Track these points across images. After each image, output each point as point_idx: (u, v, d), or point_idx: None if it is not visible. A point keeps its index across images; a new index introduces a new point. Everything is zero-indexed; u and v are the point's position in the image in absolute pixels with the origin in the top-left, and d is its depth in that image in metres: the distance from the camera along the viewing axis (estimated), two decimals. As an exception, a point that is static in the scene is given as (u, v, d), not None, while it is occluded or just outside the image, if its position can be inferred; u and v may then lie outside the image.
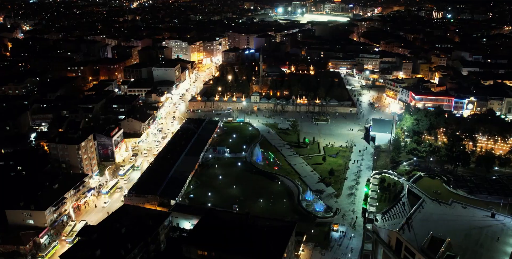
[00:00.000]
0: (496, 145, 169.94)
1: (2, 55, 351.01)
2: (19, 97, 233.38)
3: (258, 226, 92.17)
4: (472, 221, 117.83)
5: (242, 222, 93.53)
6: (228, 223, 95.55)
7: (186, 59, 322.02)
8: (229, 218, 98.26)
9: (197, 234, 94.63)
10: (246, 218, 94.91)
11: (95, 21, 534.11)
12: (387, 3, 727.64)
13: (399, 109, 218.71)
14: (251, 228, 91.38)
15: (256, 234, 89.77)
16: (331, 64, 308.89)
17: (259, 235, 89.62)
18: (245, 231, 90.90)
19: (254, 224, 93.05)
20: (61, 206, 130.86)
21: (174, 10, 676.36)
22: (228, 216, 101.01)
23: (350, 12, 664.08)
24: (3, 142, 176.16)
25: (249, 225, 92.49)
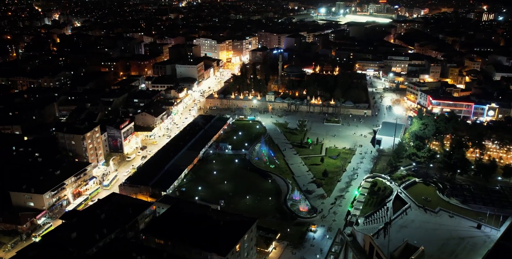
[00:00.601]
0: (509, 154, 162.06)
1: (48, 50, 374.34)
2: (51, 89, 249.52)
3: (216, 219, 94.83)
4: (454, 231, 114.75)
5: (202, 215, 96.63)
6: (189, 215, 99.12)
7: (214, 57, 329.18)
8: (192, 211, 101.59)
9: (158, 224, 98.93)
10: (206, 211, 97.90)
11: (139, 19, 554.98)
12: (436, 4, 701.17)
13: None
14: (209, 221, 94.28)
15: (212, 227, 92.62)
16: (358, 66, 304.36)
17: (215, 228, 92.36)
18: (203, 224, 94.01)
19: (213, 218, 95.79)
20: (60, 191, 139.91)
21: (218, 9, 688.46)
22: (192, 209, 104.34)
23: (394, 13, 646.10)
24: (28, 130, 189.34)
25: (208, 218, 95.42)
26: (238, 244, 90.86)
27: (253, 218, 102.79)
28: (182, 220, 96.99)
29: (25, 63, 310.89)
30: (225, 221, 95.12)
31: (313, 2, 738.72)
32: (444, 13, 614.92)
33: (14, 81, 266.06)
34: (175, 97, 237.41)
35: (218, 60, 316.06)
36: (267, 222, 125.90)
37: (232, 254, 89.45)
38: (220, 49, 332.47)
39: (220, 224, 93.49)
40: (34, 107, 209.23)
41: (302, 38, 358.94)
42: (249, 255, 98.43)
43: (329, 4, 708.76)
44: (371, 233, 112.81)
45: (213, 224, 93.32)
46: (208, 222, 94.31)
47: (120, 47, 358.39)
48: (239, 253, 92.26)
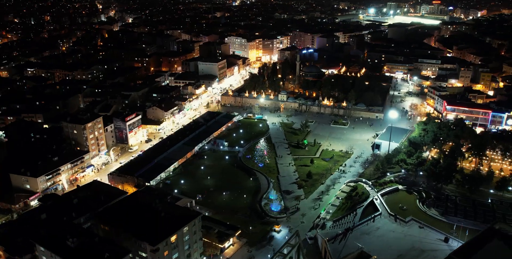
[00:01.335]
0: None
1: (94, 45, 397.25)
2: (81, 81, 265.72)
3: (159, 211, 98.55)
4: (418, 243, 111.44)
5: (149, 206, 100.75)
6: (138, 205, 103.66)
7: (244, 55, 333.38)
8: (144, 201, 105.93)
9: (109, 211, 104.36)
10: (155, 203, 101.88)
11: (186, 17, 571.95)
12: (498, 5, 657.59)
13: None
14: (153, 212, 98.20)
15: (154, 218, 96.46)
16: (386, 68, 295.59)
17: (156, 219, 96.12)
18: (146, 214, 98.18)
19: (158, 209, 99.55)
20: (55, 176, 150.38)
21: (267, 8, 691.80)
22: (145, 199, 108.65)
23: (447, 15, 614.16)
24: (51, 119, 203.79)
25: (153, 209, 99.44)
26: (174, 236, 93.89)
27: (198, 212, 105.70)
28: (130, 209, 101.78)
29: (68, 57, 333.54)
30: (167, 213, 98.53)
31: (364, 2, 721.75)
32: (501, 15, 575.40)
33: (52, 73, 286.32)
34: (191, 93, 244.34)
35: (245, 58, 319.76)
36: (235, 219, 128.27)
37: (166, 245, 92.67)
38: (250, 47, 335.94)
39: (161, 216, 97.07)
40: (59, 98, 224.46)
41: (335, 39, 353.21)
42: (192, 248, 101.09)
43: (381, 4, 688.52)
44: (327, 238, 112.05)
45: (155, 215, 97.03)
46: (151, 213, 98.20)
47: (158, 44, 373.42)
48: (175, 245, 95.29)
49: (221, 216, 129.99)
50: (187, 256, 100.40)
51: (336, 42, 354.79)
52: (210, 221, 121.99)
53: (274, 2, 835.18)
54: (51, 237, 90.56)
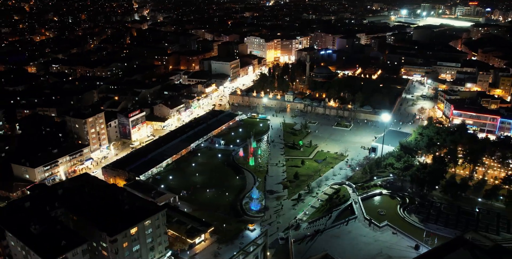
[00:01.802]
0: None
1: (121, 43, 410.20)
2: (99, 78, 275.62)
3: (126, 203, 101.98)
4: (387, 249, 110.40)
5: (116, 198, 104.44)
6: (106, 197, 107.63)
7: (262, 55, 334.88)
8: (117, 194, 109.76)
9: (79, 200, 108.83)
10: (121, 196, 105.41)
11: (215, 17, 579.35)
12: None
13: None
14: (118, 204, 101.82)
15: (118, 210, 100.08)
16: (404, 70, 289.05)
17: (120, 211, 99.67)
18: (112, 206, 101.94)
19: (123, 201, 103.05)
20: (53, 167, 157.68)
21: (298, 9, 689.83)
22: (118, 192, 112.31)
23: (483, 17, 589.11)
24: (64, 112, 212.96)
25: (120, 201, 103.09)
26: (134, 228, 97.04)
27: (162, 207, 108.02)
28: (99, 201, 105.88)
29: (94, 54, 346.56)
30: (131, 206, 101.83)
31: (398, 4, 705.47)
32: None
33: (74, 70, 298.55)
34: (201, 91, 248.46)
35: (261, 58, 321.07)
36: (213, 216, 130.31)
37: (126, 237, 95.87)
38: (268, 47, 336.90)
39: (125, 208, 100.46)
40: (74, 93, 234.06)
41: (355, 40, 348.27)
42: (156, 241, 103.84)
43: (415, 6, 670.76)
44: (293, 239, 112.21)
45: (119, 208, 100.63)
46: (117, 205, 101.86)
47: (181, 43, 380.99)
48: (136, 237, 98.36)
49: (201, 213, 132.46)
50: (150, 249, 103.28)
51: (357, 43, 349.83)
52: (186, 217, 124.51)
53: (307, 3, 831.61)
54: (19, 224, 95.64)
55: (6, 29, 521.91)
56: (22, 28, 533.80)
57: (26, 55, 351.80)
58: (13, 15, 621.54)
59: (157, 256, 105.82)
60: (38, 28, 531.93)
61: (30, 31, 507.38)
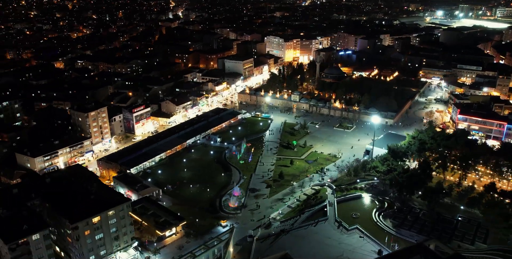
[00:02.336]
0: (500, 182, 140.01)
1: (149, 40, 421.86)
2: (118, 74, 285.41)
3: (92, 193, 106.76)
4: (349, 252, 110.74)
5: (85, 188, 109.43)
6: (78, 187, 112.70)
7: (281, 55, 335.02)
8: (89, 184, 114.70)
9: (54, 188, 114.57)
10: (91, 186, 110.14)
11: (245, 16, 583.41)
12: None
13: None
14: (86, 194, 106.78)
15: (84, 199, 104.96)
16: (422, 73, 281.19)
17: (86, 200, 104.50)
18: (80, 195, 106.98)
19: (91, 191, 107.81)
20: (53, 158, 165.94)
21: (331, 9, 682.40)
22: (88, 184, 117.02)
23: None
24: (77, 107, 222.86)
25: (87, 191, 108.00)
26: (96, 217, 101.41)
27: (127, 199, 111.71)
28: (70, 189, 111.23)
29: (119, 51, 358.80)
30: (97, 196, 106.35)
31: (435, 5, 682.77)
32: None
33: (97, 66, 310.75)
34: (211, 89, 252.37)
35: (278, 58, 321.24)
36: (191, 210, 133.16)
37: (87, 225, 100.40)
38: (287, 47, 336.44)
39: (91, 198, 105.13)
40: (90, 88, 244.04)
41: (377, 41, 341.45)
42: (121, 231, 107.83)
43: (454, 7, 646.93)
44: (256, 236, 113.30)
45: (86, 197, 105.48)
46: (84, 194, 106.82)
47: (205, 41, 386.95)
48: (99, 226, 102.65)
49: (180, 207, 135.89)
50: (115, 239, 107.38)
51: (379, 44, 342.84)
52: (162, 210, 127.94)
53: (343, 3, 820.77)
54: None
55: (47, 26, 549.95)
56: (62, 25, 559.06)
57: (58, 51, 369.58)
58: (56, 13, 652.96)
59: (122, 245, 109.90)
60: (77, 25, 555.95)
61: (69, 28, 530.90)
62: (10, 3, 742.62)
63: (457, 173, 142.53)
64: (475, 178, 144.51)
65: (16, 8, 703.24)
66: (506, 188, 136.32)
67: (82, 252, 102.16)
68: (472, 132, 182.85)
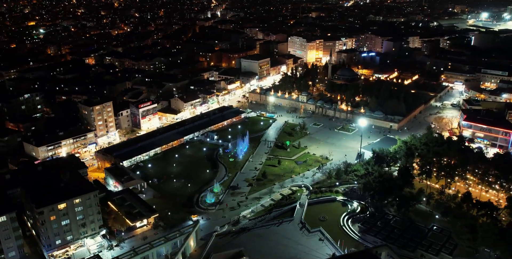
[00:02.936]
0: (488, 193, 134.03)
1: (180, 38, 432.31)
2: (141, 70, 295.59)
3: (63, 182, 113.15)
4: (304, 254, 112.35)
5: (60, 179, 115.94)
6: (54, 175, 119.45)
7: (303, 56, 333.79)
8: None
9: (35, 179, 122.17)
10: (63, 175, 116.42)
11: (278, 16, 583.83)
12: None
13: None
14: (58, 182, 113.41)
15: (55, 186, 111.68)
16: (444, 77, 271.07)
17: (56, 187, 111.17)
18: (53, 183, 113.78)
19: (62, 180, 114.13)
20: (56, 148, 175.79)
21: (370, 10, 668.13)
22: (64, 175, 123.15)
23: None
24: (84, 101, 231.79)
25: (59, 179, 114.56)
26: (62, 204, 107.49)
27: (95, 188, 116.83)
28: (45, 178, 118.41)
29: (148, 49, 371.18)
30: (67, 185, 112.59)
31: (482, 6, 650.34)
32: None
33: (122, 62, 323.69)
34: (223, 88, 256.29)
35: (298, 58, 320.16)
36: (167, 204, 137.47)
37: (53, 210, 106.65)
38: (309, 48, 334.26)
39: (60, 186, 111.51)
40: (107, 83, 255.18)
41: (403, 43, 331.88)
42: (87, 219, 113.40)
43: (502, 8, 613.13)
44: (216, 232, 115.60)
45: (57, 184, 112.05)
46: (56, 182, 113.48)
47: (232, 40, 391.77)
48: (65, 213, 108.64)
49: (159, 200, 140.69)
50: (82, 225, 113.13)
51: (405, 46, 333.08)
52: (139, 202, 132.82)
53: (387, 4, 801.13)
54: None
55: (91, 23, 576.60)
56: (105, 23, 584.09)
57: (93, 47, 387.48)
58: (101, 11, 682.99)
59: (89, 232, 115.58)
60: (118, 23, 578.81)
61: (110, 26, 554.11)
62: (62, 2, 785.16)
63: (442, 180, 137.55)
64: (464, 187, 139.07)
65: (65, 6, 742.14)
66: (495, 199, 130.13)
67: (48, 235, 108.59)
68: (476, 140, 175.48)
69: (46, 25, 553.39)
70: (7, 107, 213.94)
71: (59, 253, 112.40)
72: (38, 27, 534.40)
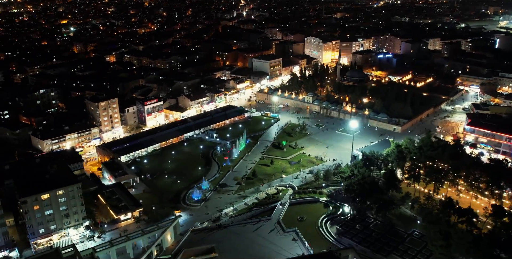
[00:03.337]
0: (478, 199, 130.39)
1: (202, 38, 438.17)
2: (157, 69, 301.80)
3: (49, 173, 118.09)
4: (274, 253, 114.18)
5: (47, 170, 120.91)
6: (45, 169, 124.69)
7: (319, 56, 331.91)
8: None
9: (24, 169, 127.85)
10: (50, 167, 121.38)
11: (302, 16, 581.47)
12: None
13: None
14: (45, 173, 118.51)
15: (41, 177, 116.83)
16: (459, 80, 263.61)
17: (42, 179, 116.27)
18: (42, 173, 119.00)
19: (49, 172, 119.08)
20: (61, 141, 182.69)
21: (398, 11, 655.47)
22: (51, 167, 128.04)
23: None
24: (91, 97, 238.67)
25: (48, 172, 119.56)
26: (45, 195, 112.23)
27: (78, 181, 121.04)
28: (34, 169, 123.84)
29: (168, 47, 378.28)
30: (52, 176, 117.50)
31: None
32: None
33: (140, 60, 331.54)
34: (232, 87, 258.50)
35: (312, 58, 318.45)
36: (154, 199, 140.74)
37: (36, 200, 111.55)
38: (325, 48, 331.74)
39: (45, 177, 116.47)
40: (119, 80, 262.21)
41: (422, 45, 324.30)
42: (71, 210, 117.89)
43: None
44: (192, 228, 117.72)
45: (43, 176, 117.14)
46: (44, 173, 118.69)
47: (251, 40, 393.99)
48: (49, 203, 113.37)
49: (148, 195, 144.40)
50: (65, 216, 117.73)
51: (424, 48, 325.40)
52: (127, 196, 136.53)
53: (418, 4, 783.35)
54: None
55: (120, 22, 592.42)
56: (133, 22, 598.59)
57: (116, 45, 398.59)
58: (130, 10, 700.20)
59: (73, 223, 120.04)
60: (146, 22, 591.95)
61: (138, 24, 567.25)
62: (94, 1, 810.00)
63: (431, 185, 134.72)
64: (455, 193, 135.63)
65: (97, 5, 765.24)
66: (484, 206, 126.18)
67: (32, 224, 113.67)
68: (480, 145, 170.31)
69: (77, 24, 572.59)
70: (24, 101, 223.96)
71: (43, 242, 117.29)
72: (69, 25, 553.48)
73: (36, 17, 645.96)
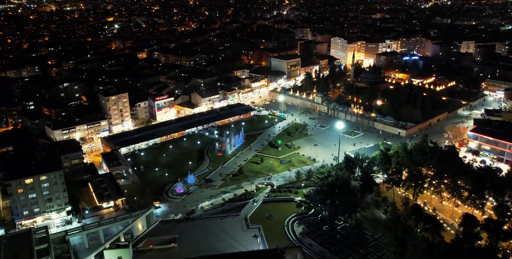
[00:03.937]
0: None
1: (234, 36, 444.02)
2: (182, 66, 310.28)
3: (35, 160, 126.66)
4: (231, 247, 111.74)
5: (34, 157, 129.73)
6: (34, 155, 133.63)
7: (343, 57, 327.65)
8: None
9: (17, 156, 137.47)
10: (38, 154, 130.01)
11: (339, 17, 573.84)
12: None
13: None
14: (34, 160, 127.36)
15: (29, 163, 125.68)
16: (484, 84, 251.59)
17: (29, 165, 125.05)
18: (33, 161, 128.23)
19: (37, 159, 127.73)
20: (71, 132, 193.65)
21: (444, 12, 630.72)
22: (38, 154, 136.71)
23: None
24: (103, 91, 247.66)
25: (34, 159, 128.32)
26: (29, 179, 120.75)
27: (60, 168, 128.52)
28: (25, 157, 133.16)
29: (197, 46, 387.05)
30: (38, 163, 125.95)
31: None
32: None
33: (167, 57, 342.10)
34: (247, 85, 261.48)
35: (334, 59, 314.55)
36: (140, 190, 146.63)
37: (20, 184, 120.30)
38: (349, 49, 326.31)
39: (31, 163, 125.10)
40: (139, 77, 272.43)
41: (452, 47, 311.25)
42: (54, 195, 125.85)
43: None
44: (160, 218, 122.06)
45: (32, 162, 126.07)
46: (29, 160, 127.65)
47: (280, 40, 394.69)
48: (31, 187, 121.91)
49: (136, 186, 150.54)
50: (48, 200, 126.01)
51: (454, 51, 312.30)
52: (114, 186, 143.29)
53: (469, 5, 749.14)
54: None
55: (162, 20, 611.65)
56: (175, 20, 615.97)
57: (154, 42, 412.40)
58: (173, 8, 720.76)
59: (55, 207, 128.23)
60: (188, 20, 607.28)
61: (179, 23, 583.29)
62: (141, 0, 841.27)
63: (410, 190, 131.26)
64: (438, 199, 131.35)
65: (143, 3, 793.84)
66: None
67: (16, 206, 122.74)
68: (482, 153, 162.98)
69: (122, 21, 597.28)
70: (49, 94, 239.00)
71: (27, 223, 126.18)
72: (114, 23, 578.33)
73: (85, 14, 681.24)
